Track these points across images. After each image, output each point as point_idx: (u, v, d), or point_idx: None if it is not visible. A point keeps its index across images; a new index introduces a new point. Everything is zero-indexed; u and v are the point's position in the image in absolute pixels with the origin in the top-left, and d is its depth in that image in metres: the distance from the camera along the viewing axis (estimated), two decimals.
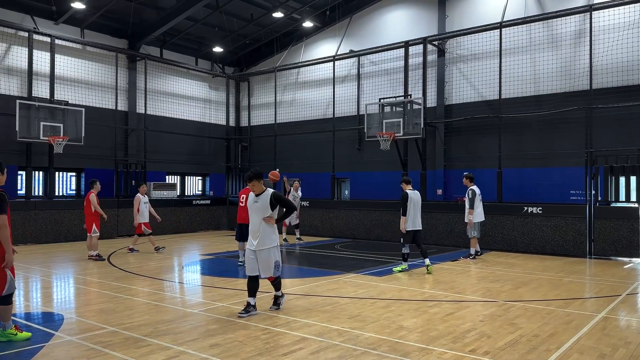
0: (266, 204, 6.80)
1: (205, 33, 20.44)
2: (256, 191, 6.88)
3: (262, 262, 6.82)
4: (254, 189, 6.87)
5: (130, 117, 19.12)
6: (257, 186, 6.84)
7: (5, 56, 15.99)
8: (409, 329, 6.23)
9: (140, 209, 13.60)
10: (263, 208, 6.80)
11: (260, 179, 6.87)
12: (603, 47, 14.09)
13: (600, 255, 12.92)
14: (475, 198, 12.50)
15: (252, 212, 6.94)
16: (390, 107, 16.64)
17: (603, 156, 13.65)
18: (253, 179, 6.84)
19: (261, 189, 6.86)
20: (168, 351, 5.36)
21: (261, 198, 6.84)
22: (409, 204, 10.54)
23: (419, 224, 10.73)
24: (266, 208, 6.80)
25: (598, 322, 6.67)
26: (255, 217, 6.87)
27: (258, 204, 6.85)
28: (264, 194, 6.85)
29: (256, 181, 6.84)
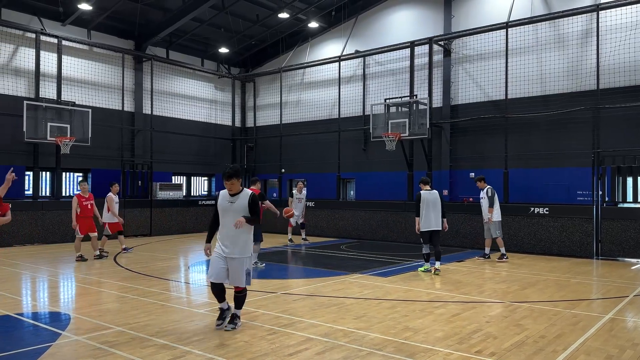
0: (244, 205, 6.09)
1: (211, 34, 20.49)
2: (233, 190, 6.14)
3: (233, 270, 6.13)
4: (231, 188, 6.11)
5: (137, 118, 19.20)
6: (235, 185, 6.10)
7: (13, 57, 16.09)
8: (415, 330, 6.22)
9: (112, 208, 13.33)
10: (240, 210, 6.07)
11: (239, 178, 6.16)
12: (610, 46, 14.00)
13: (607, 256, 12.85)
14: (494, 196, 12.43)
15: (226, 214, 6.13)
16: (395, 108, 16.62)
17: (610, 156, 13.58)
18: (233, 176, 6.04)
19: (239, 188, 6.16)
20: (174, 351, 5.38)
21: (238, 199, 6.11)
22: (422, 204, 10.50)
23: (435, 224, 10.56)
24: (244, 210, 6.08)
25: (605, 323, 6.63)
26: (229, 219, 6.07)
27: (234, 205, 6.10)
28: (242, 194, 6.15)
29: (235, 179, 6.07)
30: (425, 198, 10.53)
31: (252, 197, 6.13)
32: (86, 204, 12.28)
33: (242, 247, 6.15)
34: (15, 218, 14.89)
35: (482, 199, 12.60)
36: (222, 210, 6.17)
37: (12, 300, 7.86)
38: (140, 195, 18.60)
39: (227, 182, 6.07)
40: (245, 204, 6.09)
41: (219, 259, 6.14)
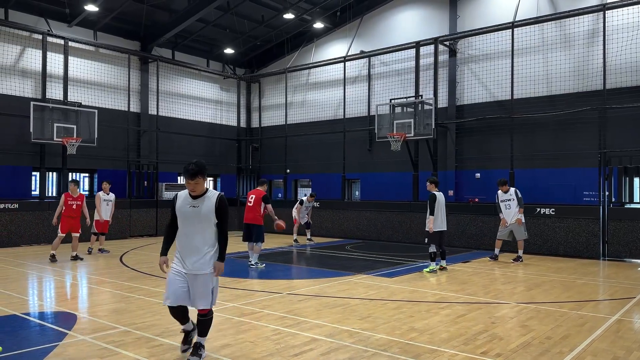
0: (210, 210, 4.94)
1: (216, 35, 20.54)
2: (197, 191, 4.97)
3: (196, 288, 4.99)
4: (195, 189, 4.95)
5: (143, 119, 19.26)
6: (200, 185, 4.95)
7: (20, 58, 16.19)
8: (420, 331, 6.21)
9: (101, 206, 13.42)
10: (206, 215, 4.94)
11: (205, 177, 5.04)
12: (617, 46, 13.93)
13: (614, 257, 12.78)
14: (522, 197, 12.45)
15: (187, 222, 4.99)
16: (401, 108, 16.60)
17: (617, 157, 13.51)
18: (198, 174, 4.89)
19: (203, 189, 5.01)
20: (179, 351, 5.38)
21: (203, 201, 4.96)
22: (437, 205, 10.64)
23: (445, 225, 10.90)
24: (209, 215, 4.95)
25: (612, 324, 6.60)
26: (192, 228, 4.97)
27: (198, 209, 4.95)
28: (207, 197, 4.99)
29: (201, 178, 4.93)
30: (439, 199, 10.72)
31: (220, 201, 4.98)
32: (72, 203, 12.22)
33: (208, 260, 4.99)
34: (21, 218, 15.05)
35: (511, 200, 12.33)
36: (182, 217, 5.02)
37: (18, 300, 7.91)
38: (146, 195, 18.66)
39: (190, 182, 4.91)
40: (212, 208, 4.94)
41: (178, 277, 5.00)
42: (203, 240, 4.98)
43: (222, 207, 4.97)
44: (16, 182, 16.02)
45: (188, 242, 5.00)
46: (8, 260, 12.12)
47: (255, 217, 11.23)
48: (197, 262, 4.95)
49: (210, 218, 4.95)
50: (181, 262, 5.03)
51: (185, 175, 4.93)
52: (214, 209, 4.94)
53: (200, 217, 4.94)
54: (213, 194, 5.02)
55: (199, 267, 4.95)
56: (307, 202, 16.42)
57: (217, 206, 4.95)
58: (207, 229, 4.98)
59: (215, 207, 4.94)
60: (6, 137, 15.63)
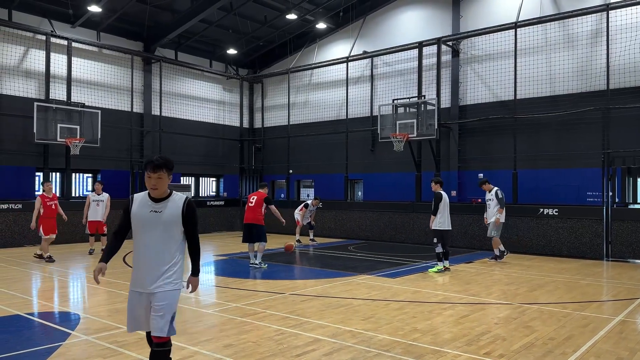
0: (176, 215, 4.04)
1: (219, 35, 20.57)
2: (159, 189, 4.03)
3: (155, 310, 4.01)
4: (157, 185, 4.00)
5: (146, 119, 19.30)
6: (163, 181, 4.01)
7: (24, 59, 16.24)
8: (423, 331, 6.20)
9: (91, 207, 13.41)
10: (170, 221, 4.03)
11: (170, 173, 4.08)
12: (620, 46, 13.89)
13: (617, 257, 12.74)
14: (503, 197, 12.57)
15: (146, 228, 4.04)
16: (403, 108, 16.59)
17: (620, 157, 13.47)
18: (162, 167, 3.99)
19: (165, 189, 4.07)
20: (182, 351, 5.40)
21: (166, 205, 4.04)
22: (442, 204, 10.77)
23: (449, 224, 10.97)
24: (174, 222, 4.04)
25: (615, 325, 6.58)
26: (153, 237, 4.03)
27: (162, 215, 4.03)
28: (172, 200, 4.08)
29: (165, 173, 4.00)
30: (444, 199, 10.86)
31: (189, 205, 4.10)
32: (50, 204, 12.20)
33: (171, 275, 4.07)
34: (25, 218, 15.09)
35: (491, 200, 12.56)
36: (140, 224, 4.07)
37: (22, 300, 7.93)
38: None
39: (152, 175, 3.98)
40: (178, 213, 4.04)
41: (137, 299, 4.10)
42: (166, 252, 4.05)
43: (190, 212, 4.09)
44: (20, 182, 16.07)
45: (148, 254, 4.04)
46: (12, 260, 12.16)
47: (256, 218, 11.26)
48: (158, 278, 4.02)
49: (176, 225, 4.06)
50: (140, 279, 4.08)
51: (147, 167, 4.01)
52: (180, 214, 4.05)
53: (163, 224, 4.02)
54: (179, 197, 4.13)
55: (161, 284, 4.03)
56: (312, 207, 16.54)
57: (184, 211, 4.06)
58: (172, 238, 4.06)
59: (183, 213, 4.06)
60: (10, 137, 15.68)
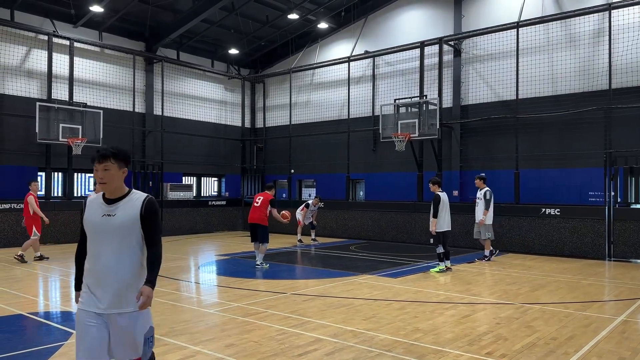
0: (133, 219, 3.33)
1: (221, 35, 20.58)
2: (108, 188, 3.38)
3: (121, 336, 3.29)
4: (104, 177, 3.34)
5: (148, 119, 19.32)
6: (111, 175, 3.36)
7: (26, 59, 16.27)
8: (425, 331, 6.20)
9: None
10: (126, 228, 3.32)
11: (124, 164, 3.48)
12: (622, 46, 13.87)
13: (619, 257, 12.72)
14: (492, 199, 12.59)
15: (98, 236, 3.33)
16: (405, 108, 16.57)
17: (622, 157, 13.44)
18: (110, 157, 3.38)
19: (122, 187, 3.44)
20: (184, 351, 5.40)
21: (122, 207, 3.35)
22: (441, 206, 10.73)
23: (449, 224, 10.98)
24: (132, 225, 3.33)
25: (617, 325, 6.57)
26: (106, 246, 3.31)
27: (114, 218, 3.32)
28: (129, 199, 3.39)
29: (115, 163, 3.39)
30: (443, 200, 10.83)
31: (148, 203, 3.40)
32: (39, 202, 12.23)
33: (134, 292, 3.29)
34: None
35: (479, 199, 12.68)
36: (91, 230, 3.37)
37: (25, 300, 7.95)
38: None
39: (98, 166, 3.35)
40: (136, 216, 3.34)
41: (90, 323, 3.26)
42: (125, 262, 3.31)
43: (150, 214, 3.37)
44: (22, 182, 16.02)
45: (101, 267, 3.30)
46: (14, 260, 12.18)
47: (261, 218, 11.29)
48: (117, 295, 3.27)
49: (133, 232, 3.33)
50: (93, 297, 3.30)
51: (93, 157, 3.40)
52: (137, 218, 3.33)
53: (117, 230, 3.31)
54: (137, 197, 3.41)
55: (122, 302, 3.28)
56: (313, 206, 16.57)
57: (143, 212, 3.35)
58: (129, 246, 3.34)
59: (141, 214, 3.34)
60: (12, 137, 15.72)
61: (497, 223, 14.48)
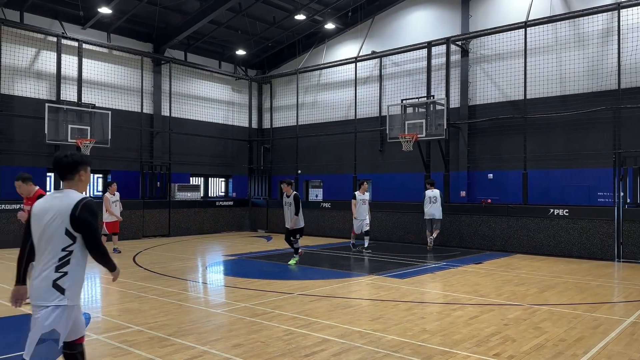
0: (62, 222, 3.47)
1: (228, 36, 20.63)
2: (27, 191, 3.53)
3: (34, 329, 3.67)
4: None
5: (156, 120, 19.41)
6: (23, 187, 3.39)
7: (35, 60, 16.39)
8: (432, 332, 6.18)
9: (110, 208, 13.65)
10: (54, 232, 3.49)
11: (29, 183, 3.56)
12: (632, 45, 13.76)
13: (629, 258, 12.62)
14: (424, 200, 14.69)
15: (41, 240, 3.55)
16: (412, 108, 16.54)
17: (632, 157, 13.33)
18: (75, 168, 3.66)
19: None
20: (192, 350, 5.42)
21: (44, 209, 3.54)
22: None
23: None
24: (57, 233, 3.48)
25: (627, 327, 6.52)
26: (42, 249, 3.56)
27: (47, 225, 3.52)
28: (62, 201, 3.52)
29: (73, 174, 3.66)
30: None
31: (84, 207, 3.49)
32: None
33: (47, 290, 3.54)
34: None
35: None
36: (33, 229, 3.63)
37: None
38: (158, 196, 18.80)
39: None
40: (65, 220, 3.47)
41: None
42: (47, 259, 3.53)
43: (85, 214, 3.49)
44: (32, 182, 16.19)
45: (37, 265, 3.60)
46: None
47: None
48: (35, 291, 3.59)
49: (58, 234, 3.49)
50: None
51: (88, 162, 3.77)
52: (68, 221, 3.46)
53: (51, 234, 3.49)
54: (70, 200, 3.52)
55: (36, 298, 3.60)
56: (361, 194, 14.32)
57: (72, 218, 3.46)
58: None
59: (71, 219, 3.46)
60: (21, 138, 15.84)
61: (505, 223, 14.48)
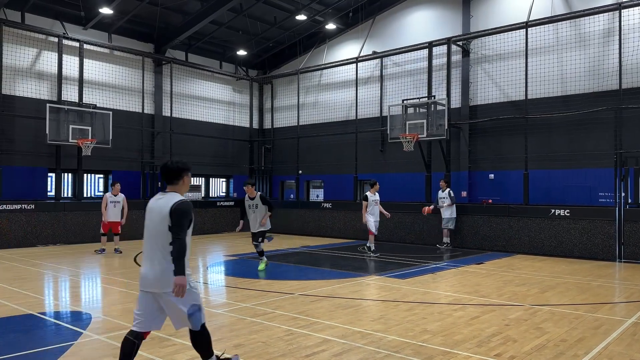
0: (164, 220, 4.43)
1: (229, 36, 20.64)
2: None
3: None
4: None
5: (157, 120, 19.42)
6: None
7: (36, 61, 16.41)
8: (433, 333, 6.18)
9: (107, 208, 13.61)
10: (160, 229, 4.45)
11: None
12: (633, 45, 13.75)
13: (630, 259, 12.61)
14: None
15: (150, 236, 4.56)
16: (413, 109, 16.53)
17: (633, 157, 13.32)
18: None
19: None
20: (193, 351, 5.41)
21: (152, 209, 4.59)
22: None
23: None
24: (162, 230, 4.43)
25: (628, 327, 6.51)
26: (153, 244, 4.54)
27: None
28: (165, 202, 4.52)
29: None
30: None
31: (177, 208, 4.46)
32: None
33: (171, 276, 4.39)
34: (38, 219, 15.26)
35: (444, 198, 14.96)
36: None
37: (35, 300, 8.01)
38: None
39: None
40: (166, 216, 4.43)
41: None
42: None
43: None
44: (33, 183, 16.25)
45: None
46: (25, 260, 12.29)
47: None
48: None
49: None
50: None
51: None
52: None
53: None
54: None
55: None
56: (372, 195, 13.80)
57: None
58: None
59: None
60: (23, 138, 15.86)
61: (506, 224, 14.48)
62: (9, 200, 15.02)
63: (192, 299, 4.42)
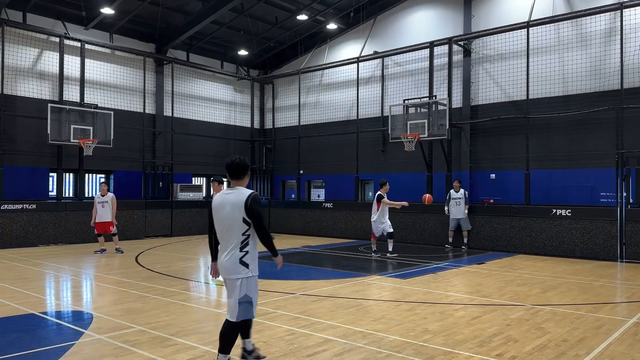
0: (239, 212, 4.82)
1: (230, 36, 20.65)
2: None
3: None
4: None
5: (158, 120, 19.43)
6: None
7: (38, 61, 16.43)
8: (434, 332, 6.18)
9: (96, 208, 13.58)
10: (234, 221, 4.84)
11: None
12: (634, 45, 13.73)
13: (631, 259, 12.59)
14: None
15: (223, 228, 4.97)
16: (414, 108, 16.52)
17: (635, 157, 13.30)
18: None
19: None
20: (194, 350, 5.43)
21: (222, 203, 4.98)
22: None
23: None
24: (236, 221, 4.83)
25: (630, 327, 6.50)
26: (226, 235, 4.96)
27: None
28: (237, 196, 4.88)
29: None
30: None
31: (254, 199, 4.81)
32: None
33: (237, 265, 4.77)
34: (39, 219, 15.28)
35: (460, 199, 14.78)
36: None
37: (36, 299, 8.02)
38: (161, 196, 18.82)
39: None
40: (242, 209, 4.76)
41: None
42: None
43: None
44: (34, 183, 16.27)
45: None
46: (26, 260, 12.31)
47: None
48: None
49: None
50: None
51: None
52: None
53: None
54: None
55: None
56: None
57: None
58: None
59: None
60: (24, 138, 15.88)
61: (508, 224, 14.46)
62: (11, 200, 15.04)
63: (249, 289, 4.71)
